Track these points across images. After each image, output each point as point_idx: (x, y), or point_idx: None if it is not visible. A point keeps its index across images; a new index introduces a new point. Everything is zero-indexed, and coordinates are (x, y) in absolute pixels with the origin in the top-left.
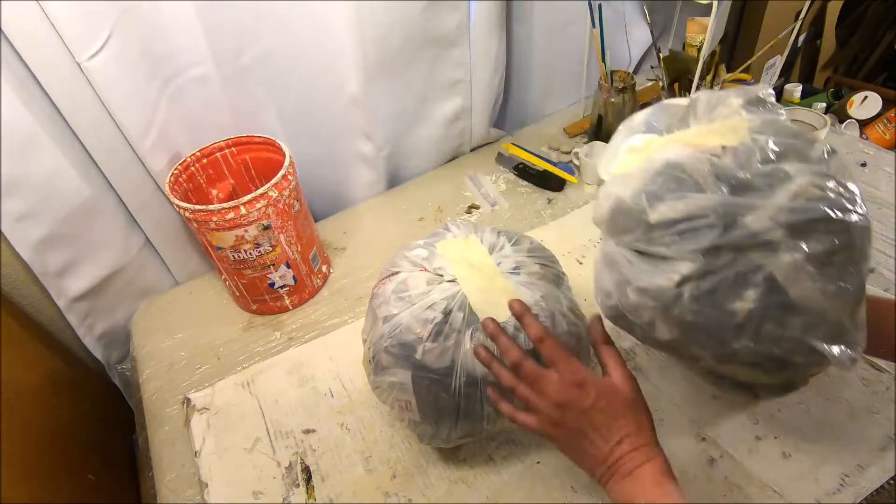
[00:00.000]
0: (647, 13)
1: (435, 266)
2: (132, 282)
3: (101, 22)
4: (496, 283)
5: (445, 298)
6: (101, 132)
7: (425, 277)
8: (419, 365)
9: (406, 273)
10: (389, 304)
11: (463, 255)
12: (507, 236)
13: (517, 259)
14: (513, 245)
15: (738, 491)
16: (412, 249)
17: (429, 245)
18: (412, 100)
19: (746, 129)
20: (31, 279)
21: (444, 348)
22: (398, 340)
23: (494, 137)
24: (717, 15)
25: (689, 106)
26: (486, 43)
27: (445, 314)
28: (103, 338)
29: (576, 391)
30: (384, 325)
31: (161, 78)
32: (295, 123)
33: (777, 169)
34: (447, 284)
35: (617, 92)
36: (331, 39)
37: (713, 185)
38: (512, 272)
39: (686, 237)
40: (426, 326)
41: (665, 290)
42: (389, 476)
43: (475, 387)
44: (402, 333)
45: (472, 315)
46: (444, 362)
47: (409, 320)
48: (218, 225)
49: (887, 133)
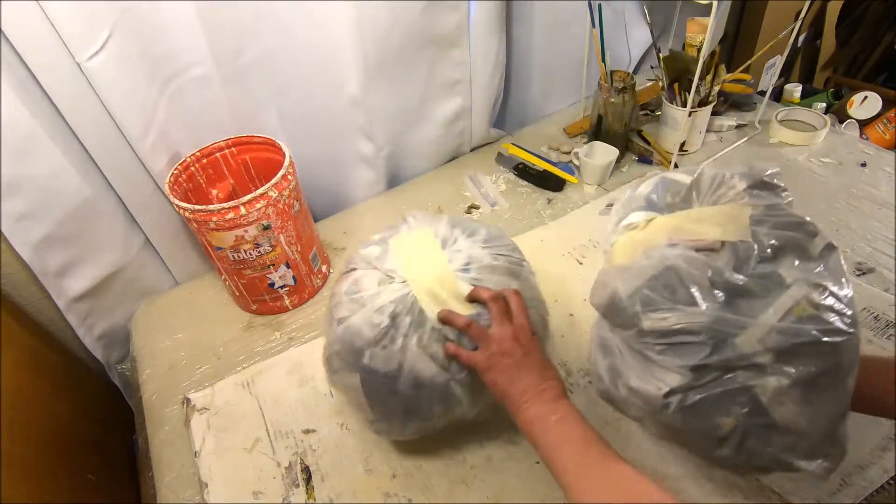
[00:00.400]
0: (647, 13)
1: (387, 266)
2: (132, 282)
3: (101, 22)
4: (445, 283)
5: (394, 301)
6: (101, 132)
7: (377, 277)
8: (367, 369)
9: (361, 271)
10: (342, 306)
11: (415, 252)
12: (463, 228)
13: (470, 253)
14: (468, 237)
15: (738, 491)
16: (368, 246)
17: (383, 241)
18: (412, 100)
19: (748, 218)
20: (31, 279)
21: (390, 353)
22: (348, 345)
23: (494, 137)
24: (717, 15)
25: (692, 184)
26: (486, 43)
27: (393, 318)
28: (103, 338)
29: (509, 343)
30: (338, 328)
31: (161, 78)
32: (295, 123)
33: (773, 273)
34: (397, 285)
35: (617, 92)
36: (331, 39)
37: (708, 295)
38: (463, 269)
39: (676, 351)
40: (374, 331)
41: (653, 397)
42: (389, 476)
43: (423, 388)
44: (352, 337)
45: (420, 317)
46: (391, 366)
47: (359, 324)
48: (218, 225)
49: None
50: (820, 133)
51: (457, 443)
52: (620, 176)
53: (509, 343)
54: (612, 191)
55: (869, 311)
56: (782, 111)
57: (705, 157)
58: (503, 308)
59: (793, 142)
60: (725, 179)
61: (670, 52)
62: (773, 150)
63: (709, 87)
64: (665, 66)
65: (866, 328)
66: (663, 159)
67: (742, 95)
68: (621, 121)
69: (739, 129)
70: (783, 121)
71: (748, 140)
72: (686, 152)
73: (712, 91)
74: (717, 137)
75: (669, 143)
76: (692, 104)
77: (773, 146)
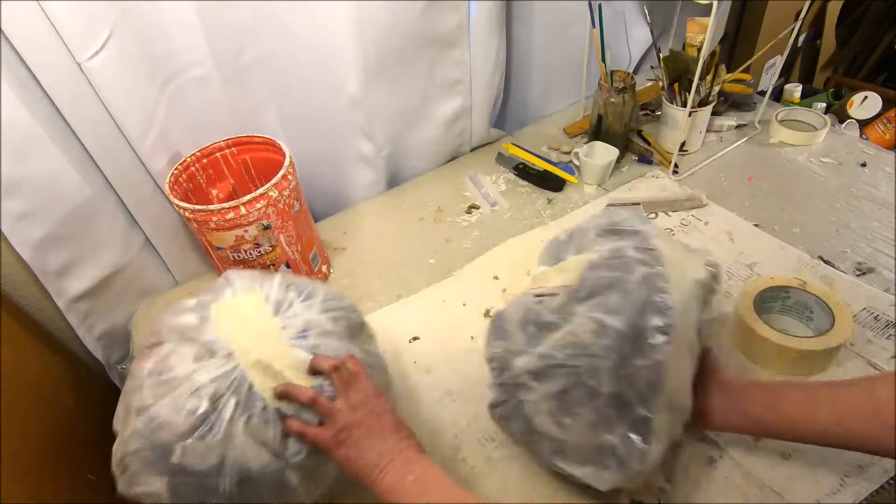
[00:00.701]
0: (647, 13)
1: (206, 338)
2: (132, 282)
3: (101, 22)
4: (280, 353)
5: (216, 380)
6: (101, 132)
7: (192, 352)
8: (178, 469)
9: (170, 345)
10: (144, 391)
11: (243, 320)
12: (298, 290)
13: (306, 318)
14: (303, 300)
15: (738, 491)
16: (180, 314)
17: (202, 307)
18: (412, 100)
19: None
20: (31, 279)
21: (209, 444)
22: (151, 441)
23: (494, 137)
24: (717, 15)
25: (571, 235)
26: (486, 43)
27: (214, 401)
28: (103, 338)
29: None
30: (137, 420)
31: (161, 78)
32: (295, 123)
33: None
34: (220, 360)
35: (617, 92)
36: (331, 39)
37: (516, 331)
38: (299, 336)
39: (494, 373)
40: (188, 419)
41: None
42: None
43: (250, 483)
44: (157, 431)
45: (249, 396)
46: (209, 461)
47: (166, 413)
48: (218, 225)
49: (887, 133)
50: (820, 133)
51: (457, 443)
52: (620, 176)
53: (358, 414)
54: (612, 191)
55: (869, 311)
56: (782, 111)
57: (705, 157)
58: (345, 377)
59: (793, 142)
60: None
61: (670, 52)
62: (773, 150)
63: (709, 87)
64: (665, 66)
65: (866, 328)
66: (663, 159)
67: (742, 95)
68: (621, 121)
69: (739, 129)
70: (783, 121)
71: (748, 140)
72: (686, 152)
73: (712, 91)
74: (717, 137)
75: (669, 143)
76: (692, 104)
77: (773, 146)
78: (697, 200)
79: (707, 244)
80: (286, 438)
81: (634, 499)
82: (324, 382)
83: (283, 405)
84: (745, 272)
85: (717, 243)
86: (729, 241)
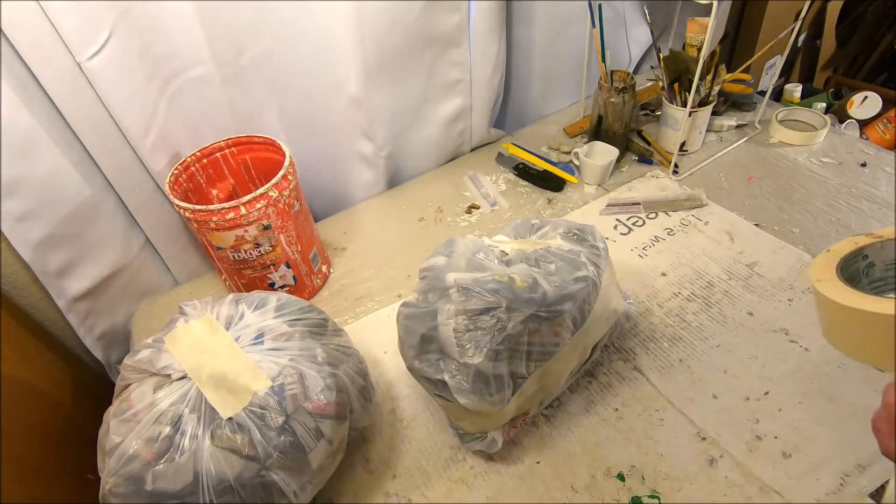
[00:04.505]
0: (647, 13)
1: (160, 366)
2: (132, 282)
3: (101, 22)
4: (237, 363)
5: (174, 403)
6: (101, 132)
7: (152, 384)
8: (154, 494)
9: (134, 385)
10: (110, 433)
11: (195, 341)
12: (249, 302)
13: (260, 325)
14: (254, 310)
15: (738, 491)
16: (138, 353)
17: (157, 342)
18: (412, 100)
19: (541, 248)
20: (31, 279)
21: (178, 465)
22: (124, 476)
23: (494, 137)
24: (717, 15)
25: (536, 225)
26: (486, 43)
27: (175, 423)
28: (103, 338)
29: None
30: (109, 461)
31: (161, 78)
32: (295, 123)
33: (517, 265)
34: (176, 384)
35: (617, 92)
36: (331, 39)
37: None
38: (254, 342)
39: (422, 282)
40: (152, 446)
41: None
42: (389, 476)
43: (231, 492)
44: (127, 464)
45: (210, 410)
46: (183, 479)
47: (132, 446)
48: (218, 225)
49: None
50: (820, 133)
51: (456, 443)
52: (620, 176)
53: None
54: (611, 191)
55: None
56: (782, 111)
57: (705, 157)
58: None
59: (793, 142)
60: (556, 224)
61: (670, 52)
62: (773, 150)
63: (709, 87)
64: (665, 66)
65: None
66: (663, 159)
67: (742, 95)
68: (621, 121)
69: (739, 129)
70: (783, 121)
71: (748, 140)
72: (686, 152)
73: (712, 91)
74: (717, 137)
75: (669, 143)
76: (692, 104)
77: (773, 146)
78: (697, 200)
79: (707, 244)
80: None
81: (634, 498)
82: (284, 382)
83: (239, 415)
84: (745, 272)
85: (717, 243)
86: (729, 241)
